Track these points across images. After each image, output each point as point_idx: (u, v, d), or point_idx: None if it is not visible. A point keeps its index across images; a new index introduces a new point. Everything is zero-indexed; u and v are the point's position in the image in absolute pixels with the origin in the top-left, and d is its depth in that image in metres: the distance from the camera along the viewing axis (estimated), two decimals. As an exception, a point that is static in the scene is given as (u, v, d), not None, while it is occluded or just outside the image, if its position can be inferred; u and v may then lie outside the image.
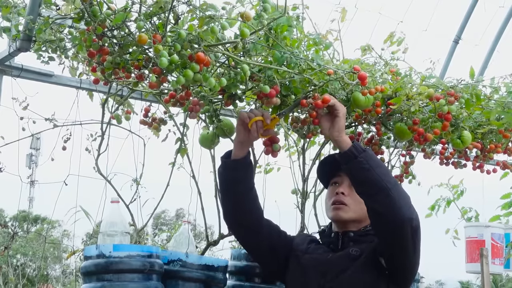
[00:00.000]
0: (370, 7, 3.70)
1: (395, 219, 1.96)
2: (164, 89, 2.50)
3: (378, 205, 1.98)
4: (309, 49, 2.20)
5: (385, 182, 1.96)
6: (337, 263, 2.12)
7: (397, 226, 1.97)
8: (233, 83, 2.07)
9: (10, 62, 2.53)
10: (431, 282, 26.66)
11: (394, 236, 2.01)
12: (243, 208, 2.21)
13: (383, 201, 1.96)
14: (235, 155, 2.17)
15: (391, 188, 1.96)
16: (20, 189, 2.75)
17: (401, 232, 1.98)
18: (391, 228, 1.99)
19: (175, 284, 2.51)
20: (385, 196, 1.95)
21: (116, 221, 2.55)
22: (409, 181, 3.11)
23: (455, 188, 4.29)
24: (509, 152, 2.87)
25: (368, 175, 1.98)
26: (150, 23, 1.93)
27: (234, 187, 2.19)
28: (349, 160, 2.01)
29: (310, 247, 2.24)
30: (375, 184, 1.97)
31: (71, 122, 2.64)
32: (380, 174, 1.98)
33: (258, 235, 2.23)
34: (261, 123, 2.09)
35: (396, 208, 1.95)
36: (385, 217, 1.98)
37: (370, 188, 1.99)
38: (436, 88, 2.40)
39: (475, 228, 4.17)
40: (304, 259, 2.20)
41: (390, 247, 2.06)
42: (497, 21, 4.40)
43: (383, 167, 2.04)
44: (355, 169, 2.01)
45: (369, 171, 1.97)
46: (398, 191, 1.98)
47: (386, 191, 1.95)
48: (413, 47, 2.73)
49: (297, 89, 2.19)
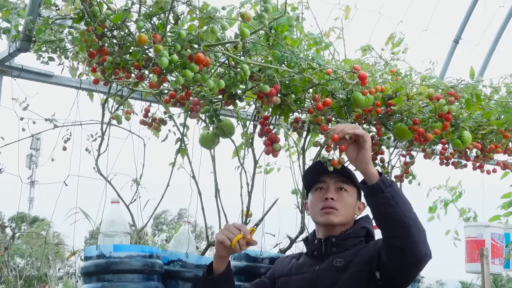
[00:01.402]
0: (370, 7, 3.70)
1: (414, 256, 1.97)
2: (164, 89, 2.50)
3: (397, 240, 1.98)
4: (310, 48, 2.20)
5: (407, 219, 1.96)
6: (324, 278, 2.11)
7: (414, 262, 1.99)
8: (233, 83, 2.07)
9: (10, 63, 2.53)
10: (431, 282, 26.66)
11: (408, 269, 2.04)
12: None
13: (403, 237, 1.96)
14: (216, 269, 2.12)
15: (413, 226, 1.96)
16: (20, 189, 2.75)
17: (417, 267, 2.03)
18: (408, 263, 2.01)
19: (175, 284, 2.51)
20: (406, 233, 1.95)
21: (116, 221, 2.55)
22: (409, 181, 3.11)
23: (453, 189, 4.29)
24: (509, 152, 2.87)
25: (392, 212, 1.96)
26: (150, 23, 1.93)
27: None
28: (374, 193, 1.99)
29: (293, 266, 2.23)
30: (397, 221, 1.96)
31: (71, 123, 2.64)
32: (404, 211, 1.96)
33: None
34: (243, 240, 2.05)
35: (415, 245, 1.96)
36: (404, 253, 1.98)
37: (392, 224, 1.98)
38: (436, 88, 2.40)
39: (475, 228, 4.17)
40: (292, 281, 2.19)
41: (399, 276, 2.08)
42: (497, 21, 4.40)
43: (407, 203, 2.01)
44: (379, 204, 1.99)
45: (394, 207, 1.96)
46: (418, 228, 1.98)
47: (408, 228, 1.95)
48: (413, 47, 2.73)
49: (297, 88, 2.19)
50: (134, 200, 2.67)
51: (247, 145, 2.67)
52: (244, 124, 2.65)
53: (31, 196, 21.12)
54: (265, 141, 2.38)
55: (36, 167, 18.01)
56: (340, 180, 2.20)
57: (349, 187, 2.21)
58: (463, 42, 4.25)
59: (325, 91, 2.22)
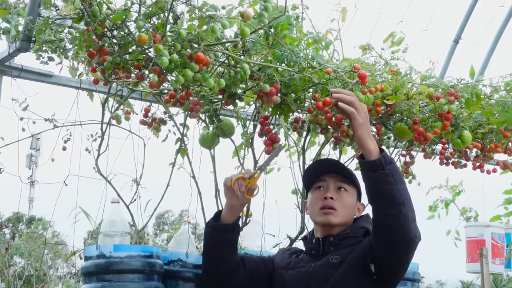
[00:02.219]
0: (370, 7, 3.70)
1: (404, 235, 1.96)
2: (164, 89, 2.50)
3: (389, 218, 1.97)
4: (309, 47, 2.20)
5: (402, 197, 1.95)
6: (319, 274, 2.11)
7: (404, 242, 1.98)
8: (233, 82, 2.07)
9: (10, 63, 2.53)
10: (431, 282, 26.67)
11: (398, 251, 2.01)
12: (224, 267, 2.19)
13: (395, 215, 1.95)
14: (225, 219, 2.13)
15: (406, 205, 1.95)
16: (20, 189, 2.75)
17: (406, 249, 2.00)
18: (398, 243, 1.99)
19: (175, 284, 2.51)
20: (399, 211, 1.94)
21: (116, 221, 2.55)
22: (409, 181, 3.11)
23: (453, 188, 4.29)
24: (509, 152, 2.87)
25: (390, 189, 1.95)
26: (150, 23, 1.93)
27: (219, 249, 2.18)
28: (375, 169, 1.96)
29: (292, 261, 2.23)
30: (393, 198, 1.95)
31: (71, 123, 2.64)
32: (400, 189, 1.96)
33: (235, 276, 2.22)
34: (243, 180, 2.06)
35: (406, 224, 1.95)
36: (395, 232, 1.97)
37: (388, 201, 1.97)
38: (436, 87, 2.40)
39: (475, 228, 4.17)
40: (287, 275, 2.19)
41: (388, 259, 2.05)
42: (497, 21, 4.40)
43: (404, 182, 2.01)
44: (378, 180, 1.97)
45: (392, 185, 1.95)
46: (410, 208, 1.97)
47: (401, 206, 1.94)
48: (413, 47, 2.73)
49: (297, 87, 2.19)
50: (134, 200, 2.67)
51: (247, 145, 2.67)
52: (244, 124, 2.65)
53: (31, 196, 21.14)
54: (265, 141, 2.38)
55: (36, 167, 18.03)
56: (340, 180, 2.19)
57: (349, 187, 2.20)
58: (463, 42, 4.25)
59: (325, 91, 2.22)
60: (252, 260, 2.27)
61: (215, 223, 2.15)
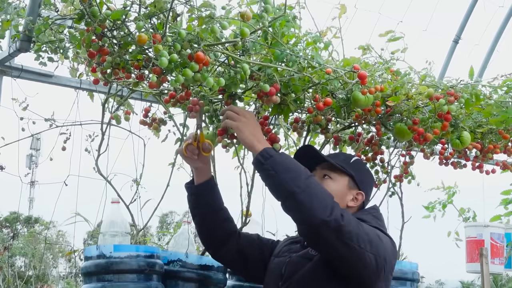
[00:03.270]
0: (370, 7, 3.70)
1: (308, 224, 1.91)
2: (164, 89, 2.50)
3: (288, 211, 1.96)
4: (308, 46, 2.20)
5: (292, 186, 1.91)
6: (294, 264, 2.11)
7: (311, 230, 1.92)
8: (233, 82, 2.07)
9: (10, 63, 2.53)
10: (431, 282, 26.67)
11: (314, 241, 1.97)
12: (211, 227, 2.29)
13: (292, 206, 1.93)
14: (196, 181, 2.28)
15: (300, 192, 1.89)
16: (20, 189, 2.75)
17: (319, 236, 1.91)
18: (307, 233, 1.95)
19: (175, 284, 2.51)
20: (293, 200, 1.91)
21: (117, 221, 2.56)
22: (408, 181, 3.11)
23: (448, 189, 4.30)
24: (508, 152, 2.88)
25: (273, 181, 1.96)
26: (150, 23, 1.93)
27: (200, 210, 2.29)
28: (258, 168, 2.02)
29: (283, 250, 2.23)
30: (280, 189, 1.95)
31: (71, 123, 2.64)
32: (288, 179, 1.92)
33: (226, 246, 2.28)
34: (191, 146, 2.20)
35: (306, 211, 1.89)
36: (298, 222, 1.96)
37: (277, 194, 1.97)
38: (435, 87, 2.40)
39: (475, 228, 4.17)
40: (272, 263, 2.22)
41: (320, 252, 2.02)
42: (497, 21, 4.40)
43: (294, 170, 1.96)
44: (262, 177, 2.01)
45: (274, 177, 1.95)
46: (309, 194, 1.90)
47: (294, 195, 1.90)
48: (413, 47, 2.73)
49: (297, 87, 2.20)
50: (134, 200, 2.67)
51: (247, 145, 2.67)
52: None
53: (31, 196, 21.14)
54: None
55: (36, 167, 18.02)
56: (326, 167, 2.18)
57: (335, 175, 2.17)
58: (462, 42, 4.25)
59: (325, 91, 2.23)
60: (249, 239, 2.32)
61: (190, 185, 2.28)
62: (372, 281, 2.00)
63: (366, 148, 2.80)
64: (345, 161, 2.22)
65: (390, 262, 2.05)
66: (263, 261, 2.27)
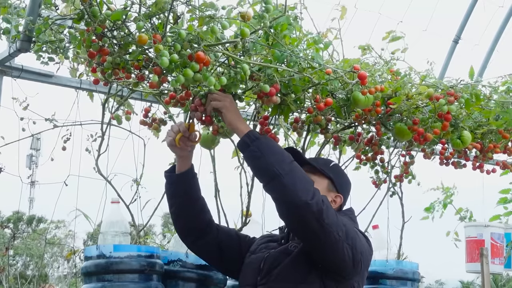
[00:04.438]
0: (370, 7, 3.70)
1: (291, 205, 1.94)
2: (164, 90, 2.50)
3: (271, 192, 2.00)
4: (309, 47, 2.20)
5: (277, 169, 1.95)
6: (272, 259, 2.13)
7: (293, 212, 1.95)
8: (233, 83, 2.08)
9: (10, 63, 2.53)
10: (431, 282, 26.65)
11: (294, 222, 2.00)
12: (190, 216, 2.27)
13: (276, 188, 1.96)
14: (178, 169, 2.24)
15: (284, 175, 1.94)
16: (20, 189, 2.75)
17: (300, 217, 1.95)
18: (288, 214, 1.99)
19: (175, 284, 2.51)
20: (278, 183, 1.95)
21: (117, 221, 2.56)
22: (409, 181, 3.11)
23: (447, 190, 4.30)
24: (508, 152, 2.88)
25: (259, 163, 2.00)
26: (150, 23, 1.93)
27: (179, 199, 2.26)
28: (243, 149, 2.04)
29: (260, 247, 2.25)
30: (266, 171, 1.98)
31: (71, 123, 2.64)
32: (274, 161, 1.97)
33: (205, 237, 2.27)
34: (184, 137, 2.19)
35: (290, 193, 1.93)
36: (280, 204, 1.98)
37: (262, 175, 2.01)
38: (436, 88, 2.40)
39: (475, 228, 4.16)
40: (248, 258, 2.23)
41: (299, 236, 2.06)
42: (497, 21, 4.40)
43: (279, 153, 2.01)
44: (247, 157, 2.04)
45: (260, 159, 1.99)
46: (293, 177, 1.95)
47: (279, 178, 1.94)
48: (413, 47, 2.73)
49: (297, 88, 2.20)
50: (134, 200, 2.67)
51: (247, 145, 2.67)
52: (244, 124, 2.65)
53: (31, 196, 21.11)
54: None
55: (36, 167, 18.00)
56: (307, 170, 2.18)
57: (315, 177, 2.19)
58: (462, 42, 4.25)
59: (325, 91, 2.23)
60: (228, 234, 2.32)
61: (171, 174, 2.24)
62: (349, 274, 2.06)
63: (366, 148, 2.81)
64: (325, 165, 2.27)
65: (366, 258, 2.10)
66: (240, 255, 2.27)
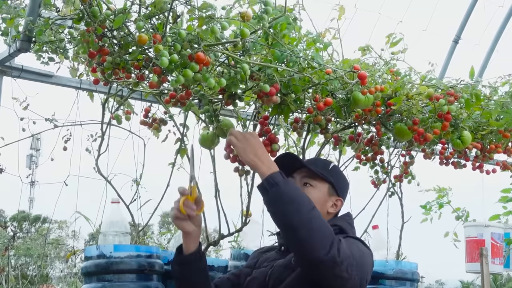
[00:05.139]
0: (370, 7, 3.70)
1: (305, 259, 1.86)
2: (164, 90, 2.50)
3: (287, 241, 1.92)
4: (309, 47, 2.20)
5: (294, 220, 1.84)
6: (277, 274, 2.06)
7: (307, 264, 1.88)
8: (233, 82, 2.07)
9: (10, 63, 2.53)
10: (431, 282, 26.66)
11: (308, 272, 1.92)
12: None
13: (291, 240, 1.87)
14: (186, 250, 2.05)
15: (301, 228, 1.83)
16: (20, 189, 2.75)
17: (314, 271, 1.87)
18: (302, 265, 1.93)
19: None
20: (294, 235, 1.84)
21: (117, 221, 2.56)
22: (409, 181, 3.11)
23: (442, 191, 4.30)
24: (508, 152, 2.88)
25: (277, 211, 1.89)
26: (150, 23, 1.94)
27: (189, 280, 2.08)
28: (262, 193, 1.93)
29: (260, 260, 2.19)
30: (282, 221, 1.88)
31: (71, 123, 2.64)
32: (291, 211, 1.85)
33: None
34: (188, 201, 2.00)
35: (305, 248, 1.83)
36: (295, 254, 1.92)
37: (278, 224, 1.92)
38: (436, 88, 2.41)
39: (475, 228, 4.16)
40: (255, 274, 2.15)
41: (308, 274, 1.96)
42: (497, 21, 4.40)
43: (298, 202, 1.88)
44: (265, 203, 1.93)
45: (278, 207, 1.89)
46: (310, 229, 1.83)
47: (295, 230, 1.84)
48: (413, 47, 2.73)
49: (297, 88, 2.20)
50: (134, 200, 2.68)
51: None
52: (244, 124, 2.66)
53: (31, 196, 21.12)
54: (264, 141, 2.38)
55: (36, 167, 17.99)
56: (306, 175, 2.15)
57: (316, 182, 2.14)
58: (462, 42, 4.25)
59: (325, 91, 2.23)
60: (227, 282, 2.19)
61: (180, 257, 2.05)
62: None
63: (366, 148, 2.81)
64: (324, 168, 2.19)
65: (371, 271, 2.05)
66: None
